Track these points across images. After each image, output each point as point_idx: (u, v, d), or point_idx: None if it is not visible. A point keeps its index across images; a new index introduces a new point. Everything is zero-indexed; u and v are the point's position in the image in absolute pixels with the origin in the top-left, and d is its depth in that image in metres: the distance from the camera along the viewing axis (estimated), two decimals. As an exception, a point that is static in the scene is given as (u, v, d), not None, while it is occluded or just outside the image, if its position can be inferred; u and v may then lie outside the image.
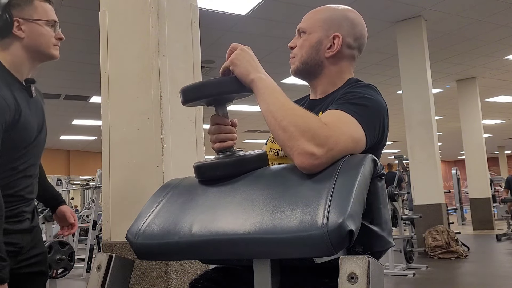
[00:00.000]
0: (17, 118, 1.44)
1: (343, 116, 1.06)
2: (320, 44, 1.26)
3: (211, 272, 1.22)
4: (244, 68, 1.08)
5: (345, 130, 1.02)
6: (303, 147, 0.96)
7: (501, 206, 12.80)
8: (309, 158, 0.95)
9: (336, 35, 1.25)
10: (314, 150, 0.95)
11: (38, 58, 1.59)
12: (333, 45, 1.25)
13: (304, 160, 0.96)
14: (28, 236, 1.56)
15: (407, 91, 7.35)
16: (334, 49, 1.25)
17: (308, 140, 0.96)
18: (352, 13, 1.30)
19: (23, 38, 1.52)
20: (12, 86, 1.49)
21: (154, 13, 1.90)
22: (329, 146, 0.97)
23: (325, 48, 1.25)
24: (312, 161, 0.95)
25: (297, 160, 0.97)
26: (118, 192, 1.97)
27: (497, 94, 11.90)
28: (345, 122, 1.05)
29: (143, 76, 1.91)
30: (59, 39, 1.61)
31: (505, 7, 6.62)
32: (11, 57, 1.52)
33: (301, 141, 0.96)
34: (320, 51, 1.26)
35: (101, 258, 1.08)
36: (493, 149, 22.22)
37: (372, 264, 0.79)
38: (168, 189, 1.16)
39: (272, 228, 0.88)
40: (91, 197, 10.52)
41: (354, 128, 1.05)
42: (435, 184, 7.18)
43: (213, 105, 1.19)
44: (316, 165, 0.96)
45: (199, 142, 2.01)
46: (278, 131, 1.01)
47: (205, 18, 5.84)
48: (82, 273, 6.59)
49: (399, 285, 5.07)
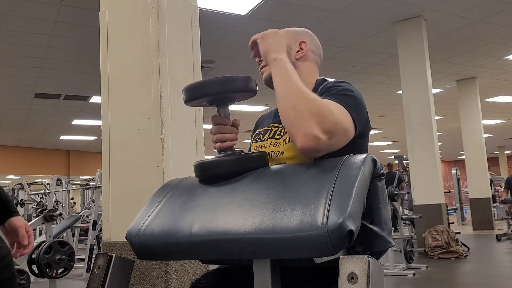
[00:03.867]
0: None
1: (338, 106, 1.10)
2: (289, 49, 1.31)
3: (212, 272, 1.22)
4: (270, 45, 1.17)
5: (343, 120, 1.07)
6: (311, 129, 1.00)
7: (501, 206, 12.80)
8: (314, 141, 1.00)
9: (303, 41, 1.35)
10: (320, 135, 1.00)
11: None
12: (301, 49, 1.34)
13: (308, 142, 1.00)
14: None
15: (407, 91, 7.35)
16: (303, 52, 1.34)
17: (317, 123, 1.00)
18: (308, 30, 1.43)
19: None
20: None
21: (154, 13, 1.90)
22: (334, 133, 1.02)
23: (294, 52, 1.33)
24: (316, 145, 1.00)
25: (301, 141, 1.00)
26: (118, 192, 1.97)
27: (497, 94, 11.90)
28: (341, 112, 1.08)
29: (143, 76, 1.91)
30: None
31: (505, 7, 6.62)
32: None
33: (310, 123, 1.00)
34: (290, 54, 1.31)
35: (101, 258, 1.08)
36: (493, 149, 22.21)
37: (372, 264, 0.79)
38: (168, 189, 1.16)
39: (272, 228, 0.88)
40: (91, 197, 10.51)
41: (349, 119, 1.10)
42: (435, 184, 7.17)
43: (215, 105, 1.19)
44: (319, 150, 1.01)
45: (199, 142, 2.01)
46: (290, 111, 1.05)
47: (205, 18, 5.84)
48: (82, 273, 6.59)
49: (399, 285, 5.07)
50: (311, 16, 6.30)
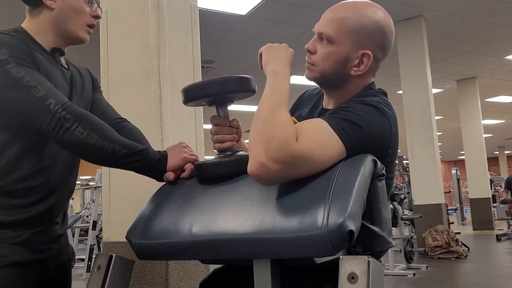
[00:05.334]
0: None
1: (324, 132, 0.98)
2: (347, 59, 1.11)
3: (220, 272, 1.22)
4: (269, 57, 1.08)
5: (314, 152, 0.94)
6: (258, 156, 0.91)
7: (501, 206, 12.80)
8: (259, 169, 0.91)
9: (366, 53, 1.11)
10: (267, 164, 0.90)
11: (63, 36, 1.34)
12: (361, 63, 1.12)
13: (254, 168, 0.92)
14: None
15: (407, 91, 7.35)
16: (363, 69, 1.12)
17: (266, 151, 0.91)
18: (382, 17, 1.15)
19: (53, 9, 1.30)
20: (34, 50, 1.26)
21: (154, 13, 1.90)
22: (286, 165, 0.91)
23: (352, 64, 1.12)
24: (261, 173, 0.92)
25: (249, 165, 0.93)
26: (118, 192, 1.97)
27: (497, 94, 11.90)
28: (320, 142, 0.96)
29: (143, 76, 1.91)
30: (95, 16, 1.37)
31: (505, 7, 6.62)
32: (37, 28, 1.31)
33: (259, 149, 0.92)
34: (347, 67, 1.12)
35: (101, 258, 1.08)
36: (493, 149, 22.21)
37: (372, 264, 0.79)
38: (168, 189, 1.16)
39: (272, 228, 0.88)
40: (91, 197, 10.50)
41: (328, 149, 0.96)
42: (435, 184, 7.18)
43: (213, 106, 1.19)
44: (264, 178, 0.93)
45: (199, 142, 2.01)
46: (252, 128, 0.97)
47: (205, 18, 5.84)
48: (82, 273, 6.59)
49: (399, 285, 5.07)
50: (311, 16, 6.29)
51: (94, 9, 1.37)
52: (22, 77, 1.14)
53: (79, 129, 1.12)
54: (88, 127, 1.13)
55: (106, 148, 1.14)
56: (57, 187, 1.32)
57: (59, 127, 1.12)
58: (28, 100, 1.14)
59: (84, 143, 1.13)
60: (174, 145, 1.29)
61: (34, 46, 1.28)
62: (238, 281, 1.16)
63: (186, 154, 1.24)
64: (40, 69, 1.22)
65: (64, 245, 1.42)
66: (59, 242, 1.38)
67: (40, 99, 1.14)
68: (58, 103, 1.14)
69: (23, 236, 1.23)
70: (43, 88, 1.15)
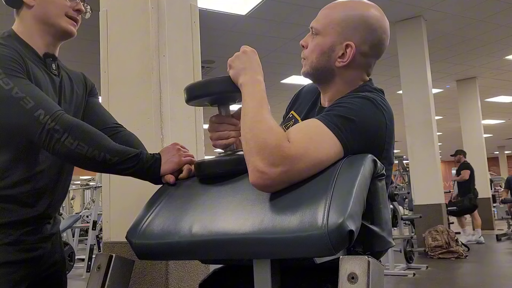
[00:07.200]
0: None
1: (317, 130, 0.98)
2: (332, 50, 1.14)
3: (220, 272, 1.22)
4: (236, 71, 1.08)
5: (310, 150, 0.94)
6: (256, 165, 0.92)
7: (501, 206, 12.79)
8: (260, 177, 0.92)
9: (348, 44, 1.12)
10: (265, 170, 0.91)
11: (49, 32, 1.34)
12: (345, 53, 1.13)
13: (255, 178, 0.93)
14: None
15: (407, 91, 7.35)
16: (345, 59, 1.13)
17: (262, 158, 0.92)
18: (372, 13, 1.16)
19: (33, 7, 1.31)
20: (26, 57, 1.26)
21: (154, 13, 1.90)
22: (284, 167, 0.91)
23: (336, 55, 1.14)
24: (263, 181, 0.92)
25: (250, 177, 0.94)
26: (118, 192, 1.96)
27: (497, 94, 11.90)
28: (314, 140, 0.96)
29: (143, 76, 1.90)
30: (76, 10, 1.35)
31: (505, 7, 6.62)
32: (26, 30, 1.31)
33: (255, 158, 0.93)
34: (331, 58, 1.15)
35: (101, 258, 1.08)
36: (493, 149, 22.20)
37: (372, 264, 0.79)
38: (168, 189, 1.16)
39: (272, 228, 0.88)
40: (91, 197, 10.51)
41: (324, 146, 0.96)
42: (435, 184, 7.17)
43: (216, 105, 1.19)
44: (268, 185, 0.93)
45: (199, 142, 2.01)
46: (243, 142, 0.98)
47: (205, 18, 5.84)
48: (82, 273, 6.59)
49: (399, 285, 5.07)
50: (311, 16, 6.27)
51: (76, 4, 1.36)
52: (11, 88, 1.15)
53: (69, 139, 1.13)
54: (78, 137, 1.13)
55: (97, 157, 1.15)
56: (49, 190, 1.31)
57: (50, 139, 1.12)
58: (17, 112, 1.14)
59: (74, 153, 1.13)
60: (168, 147, 1.29)
61: (26, 51, 1.28)
62: (238, 281, 1.16)
63: (180, 157, 1.24)
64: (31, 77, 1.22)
65: (57, 243, 1.41)
66: (51, 240, 1.37)
67: (28, 111, 1.14)
68: (47, 113, 1.14)
69: (11, 237, 1.23)
70: (32, 99, 1.15)
